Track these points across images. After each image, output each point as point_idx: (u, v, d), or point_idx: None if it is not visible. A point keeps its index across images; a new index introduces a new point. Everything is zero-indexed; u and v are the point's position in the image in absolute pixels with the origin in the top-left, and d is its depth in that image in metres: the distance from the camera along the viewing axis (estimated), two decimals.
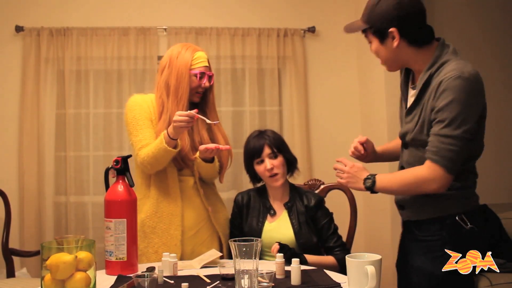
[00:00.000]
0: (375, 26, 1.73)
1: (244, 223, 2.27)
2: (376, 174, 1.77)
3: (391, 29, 1.70)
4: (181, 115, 2.02)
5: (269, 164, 2.19)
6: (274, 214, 2.23)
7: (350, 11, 3.89)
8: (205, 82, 2.20)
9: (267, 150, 2.21)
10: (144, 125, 2.19)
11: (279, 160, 2.21)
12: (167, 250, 2.07)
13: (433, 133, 1.65)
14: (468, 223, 1.67)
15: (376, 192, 1.77)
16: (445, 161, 1.62)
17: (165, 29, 3.65)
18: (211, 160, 2.19)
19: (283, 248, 1.99)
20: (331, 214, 2.27)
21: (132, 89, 3.57)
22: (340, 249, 2.18)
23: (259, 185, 2.36)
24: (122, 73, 3.60)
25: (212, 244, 2.22)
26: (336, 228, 2.24)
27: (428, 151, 1.66)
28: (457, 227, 1.68)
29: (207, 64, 2.23)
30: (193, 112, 2.03)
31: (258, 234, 2.19)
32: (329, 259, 2.14)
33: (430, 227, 1.72)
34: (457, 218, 1.68)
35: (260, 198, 2.29)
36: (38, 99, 3.51)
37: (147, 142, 2.15)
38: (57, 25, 3.55)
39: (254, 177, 2.31)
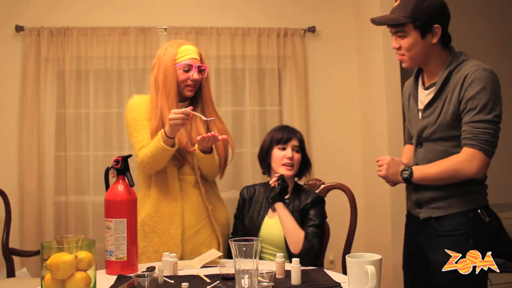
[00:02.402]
0: (421, 20, 1.81)
1: (246, 216, 2.28)
2: (412, 166, 1.87)
3: (435, 25, 1.82)
4: (176, 112, 2.02)
5: (290, 153, 2.22)
6: (275, 209, 2.20)
7: (350, 11, 3.89)
8: (192, 75, 2.20)
9: (294, 142, 2.25)
10: (144, 126, 2.20)
11: (300, 156, 2.26)
12: (167, 250, 2.08)
13: (466, 122, 1.76)
14: (487, 217, 1.80)
15: (411, 183, 1.87)
16: (482, 144, 1.74)
17: (165, 28, 3.65)
18: (210, 151, 2.19)
19: (280, 185, 2.10)
20: (325, 215, 2.24)
21: (132, 89, 3.57)
22: (313, 235, 2.09)
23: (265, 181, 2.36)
24: (122, 73, 3.60)
25: (212, 244, 2.23)
26: (320, 224, 2.14)
27: (463, 139, 1.77)
28: (479, 220, 1.80)
29: (195, 57, 2.23)
30: (188, 109, 2.04)
31: (257, 228, 2.20)
32: (301, 233, 2.09)
33: (454, 221, 1.82)
34: (478, 211, 1.80)
35: (264, 193, 2.29)
36: (38, 99, 3.51)
37: (146, 143, 2.15)
38: (57, 24, 3.55)
39: (265, 165, 2.32)
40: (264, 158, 2.31)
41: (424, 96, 1.93)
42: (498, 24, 3.88)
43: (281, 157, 2.23)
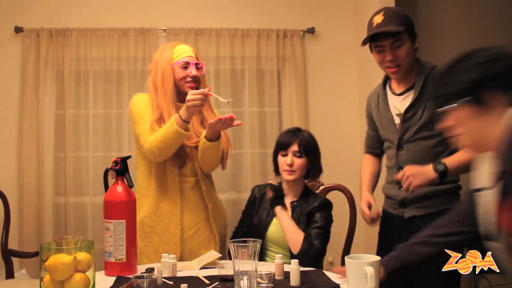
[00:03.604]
0: (410, 28, 1.96)
1: (254, 214, 2.30)
2: (441, 160, 1.92)
3: (415, 31, 2.00)
4: (194, 93, 2.02)
5: (289, 160, 2.22)
6: (285, 208, 2.23)
7: (350, 12, 3.90)
8: (191, 71, 2.21)
9: (294, 147, 2.24)
10: (150, 117, 2.20)
11: (302, 160, 2.24)
12: (167, 249, 2.08)
13: None
14: None
15: (445, 177, 1.89)
16: None
17: (164, 30, 3.65)
18: (217, 138, 2.16)
19: (275, 191, 2.19)
20: (330, 219, 2.23)
21: (132, 90, 3.57)
22: (315, 236, 2.11)
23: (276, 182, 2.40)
24: (121, 74, 3.60)
25: (210, 244, 2.23)
26: (324, 226, 2.16)
27: None
28: None
29: (191, 54, 2.26)
30: (206, 90, 2.04)
31: (265, 227, 2.23)
32: (300, 234, 2.11)
33: (436, 219, 1.90)
34: None
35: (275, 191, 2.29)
36: (37, 100, 3.51)
37: (155, 129, 2.15)
38: (57, 26, 3.56)
39: (276, 167, 2.33)
40: (274, 162, 2.33)
41: (399, 102, 2.05)
42: (482, 25, 3.90)
43: (283, 163, 2.25)
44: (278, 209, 2.17)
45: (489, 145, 1.31)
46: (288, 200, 2.26)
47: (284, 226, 2.13)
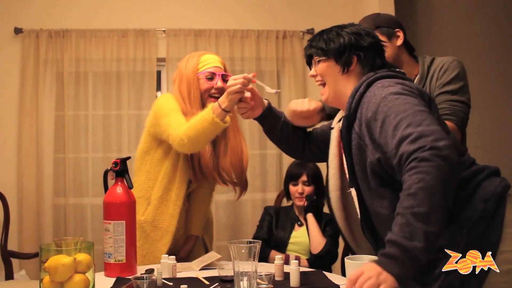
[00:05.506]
0: (382, 26, 2.02)
1: (275, 229, 2.65)
2: None
3: (396, 30, 2.03)
4: (235, 78, 1.82)
5: (301, 188, 2.63)
6: (301, 225, 2.65)
7: (349, 13, 3.89)
8: (216, 83, 2.09)
9: (303, 178, 2.64)
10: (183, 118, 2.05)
11: (310, 188, 2.64)
12: (152, 260, 2.08)
13: (444, 100, 1.92)
14: None
15: None
16: (458, 120, 1.90)
17: (164, 30, 3.65)
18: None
19: (309, 201, 2.58)
20: (338, 234, 2.51)
21: (131, 91, 3.58)
22: (332, 244, 2.54)
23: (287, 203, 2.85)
24: (121, 75, 3.60)
25: (199, 247, 2.25)
26: (335, 235, 2.50)
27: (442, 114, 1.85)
28: None
29: (217, 65, 2.13)
30: (250, 75, 1.84)
31: (287, 239, 2.61)
32: (323, 240, 2.53)
33: None
34: None
35: (287, 213, 2.72)
36: (37, 101, 3.51)
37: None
38: (56, 27, 3.56)
39: (287, 194, 2.76)
40: (286, 190, 2.76)
41: None
42: (481, 25, 3.91)
43: (294, 191, 2.66)
44: (309, 215, 2.57)
45: (344, 102, 1.60)
46: (301, 218, 2.66)
47: (311, 230, 2.54)
